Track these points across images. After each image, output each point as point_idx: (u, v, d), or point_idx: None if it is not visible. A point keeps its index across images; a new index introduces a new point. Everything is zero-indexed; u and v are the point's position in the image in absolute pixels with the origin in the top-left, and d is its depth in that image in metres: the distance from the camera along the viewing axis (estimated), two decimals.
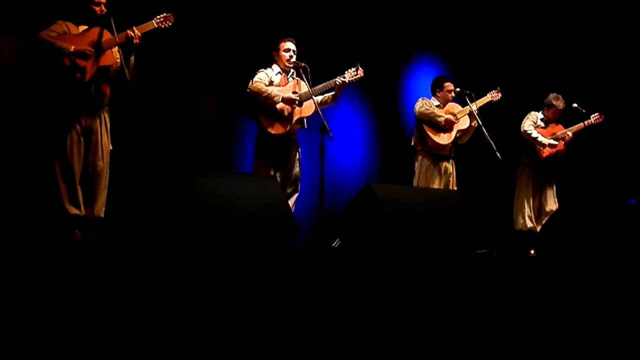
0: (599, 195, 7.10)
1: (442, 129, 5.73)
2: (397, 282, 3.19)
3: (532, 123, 6.24)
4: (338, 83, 5.03)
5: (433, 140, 5.72)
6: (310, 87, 4.90)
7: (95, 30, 4.28)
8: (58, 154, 4.22)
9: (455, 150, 5.88)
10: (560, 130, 6.25)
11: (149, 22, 4.37)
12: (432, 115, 5.72)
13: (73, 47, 4.16)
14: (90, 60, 4.20)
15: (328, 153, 4.90)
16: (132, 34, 4.26)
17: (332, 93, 5.13)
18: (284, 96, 5.00)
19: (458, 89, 5.78)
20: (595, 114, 6.27)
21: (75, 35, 4.26)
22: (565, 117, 6.31)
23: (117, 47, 4.25)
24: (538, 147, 6.17)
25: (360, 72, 5.11)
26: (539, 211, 6.21)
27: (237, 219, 3.70)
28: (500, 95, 5.91)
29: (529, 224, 6.13)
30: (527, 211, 6.16)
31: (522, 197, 6.21)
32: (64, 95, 4.23)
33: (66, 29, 4.26)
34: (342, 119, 6.95)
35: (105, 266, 2.55)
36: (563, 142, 6.20)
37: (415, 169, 5.83)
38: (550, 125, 6.30)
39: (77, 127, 4.25)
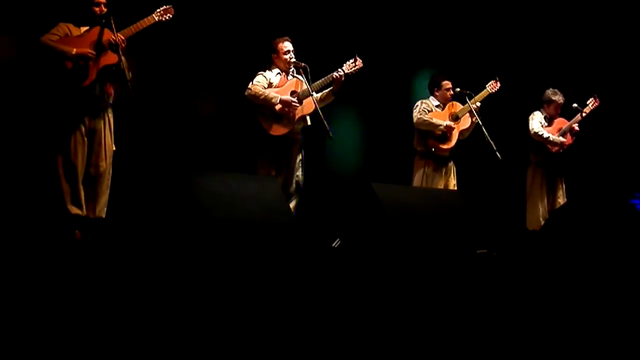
0: (601, 195, 7.08)
1: (442, 135, 5.72)
2: (398, 282, 3.20)
3: (540, 123, 6.16)
4: (336, 77, 4.92)
5: (435, 144, 5.70)
6: (310, 86, 4.87)
7: (96, 30, 4.29)
8: (61, 154, 4.24)
9: (456, 150, 5.85)
10: (565, 124, 6.17)
11: (149, 17, 4.35)
12: (429, 124, 5.67)
13: (75, 49, 4.19)
14: (92, 61, 4.23)
15: (328, 153, 4.88)
16: (117, 39, 4.20)
17: (331, 88, 5.03)
18: (282, 98, 4.95)
19: (458, 89, 5.74)
20: (590, 99, 6.17)
21: (76, 36, 4.28)
22: (566, 115, 6.29)
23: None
24: (551, 146, 6.08)
25: (359, 63, 4.99)
26: (551, 209, 6.07)
27: (237, 220, 3.70)
28: (498, 85, 5.81)
29: (542, 223, 5.99)
30: (541, 210, 6.09)
31: (534, 197, 6.11)
32: (67, 96, 4.26)
33: (67, 31, 4.28)
34: (342, 118, 6.94)
35: (105, 266, 2.56)
36: (570, 135, 6.15)
37: (415, 169, 5.80)
38: (554, 121, 6.23)
39: (81, 127, 4.27)
